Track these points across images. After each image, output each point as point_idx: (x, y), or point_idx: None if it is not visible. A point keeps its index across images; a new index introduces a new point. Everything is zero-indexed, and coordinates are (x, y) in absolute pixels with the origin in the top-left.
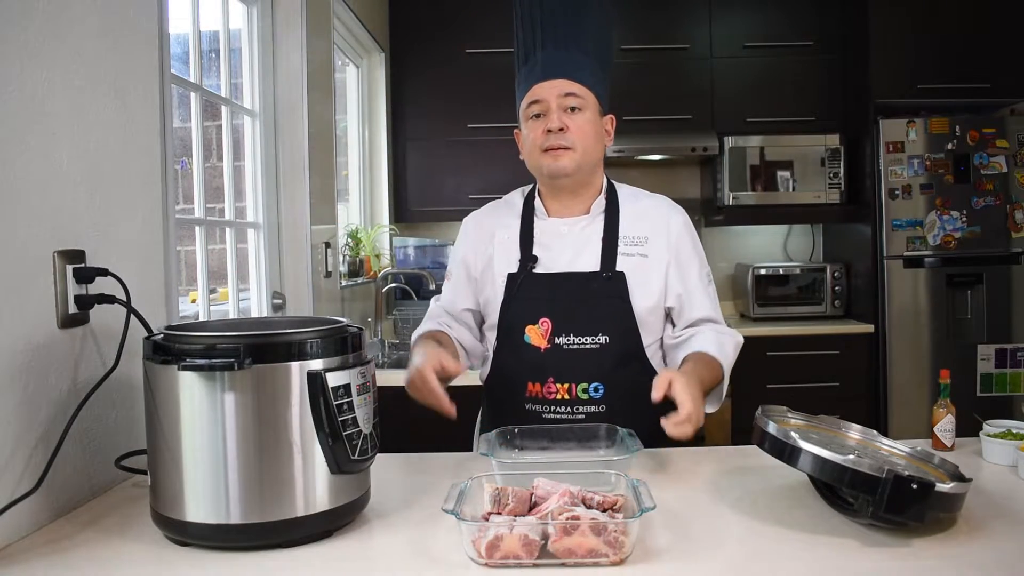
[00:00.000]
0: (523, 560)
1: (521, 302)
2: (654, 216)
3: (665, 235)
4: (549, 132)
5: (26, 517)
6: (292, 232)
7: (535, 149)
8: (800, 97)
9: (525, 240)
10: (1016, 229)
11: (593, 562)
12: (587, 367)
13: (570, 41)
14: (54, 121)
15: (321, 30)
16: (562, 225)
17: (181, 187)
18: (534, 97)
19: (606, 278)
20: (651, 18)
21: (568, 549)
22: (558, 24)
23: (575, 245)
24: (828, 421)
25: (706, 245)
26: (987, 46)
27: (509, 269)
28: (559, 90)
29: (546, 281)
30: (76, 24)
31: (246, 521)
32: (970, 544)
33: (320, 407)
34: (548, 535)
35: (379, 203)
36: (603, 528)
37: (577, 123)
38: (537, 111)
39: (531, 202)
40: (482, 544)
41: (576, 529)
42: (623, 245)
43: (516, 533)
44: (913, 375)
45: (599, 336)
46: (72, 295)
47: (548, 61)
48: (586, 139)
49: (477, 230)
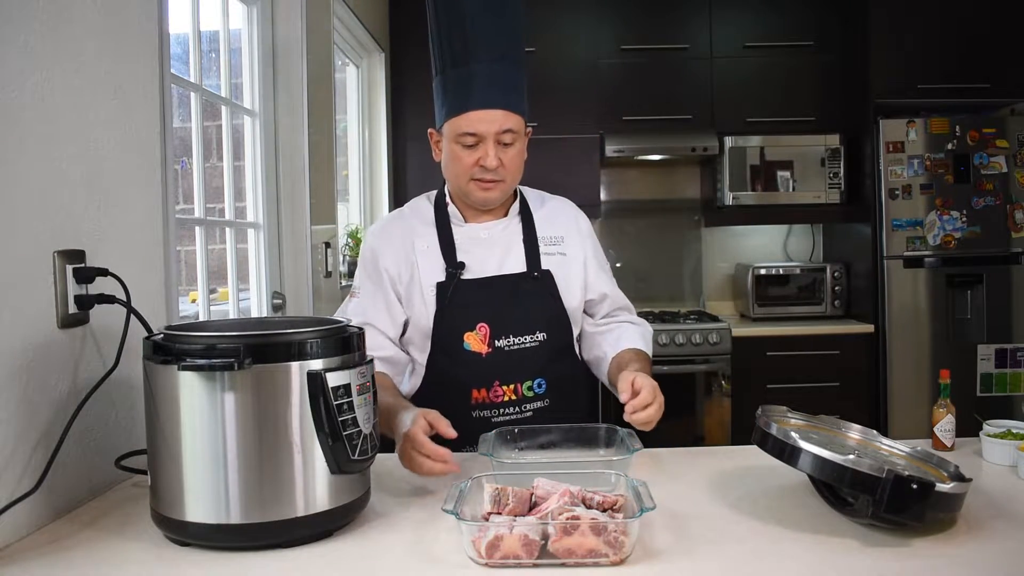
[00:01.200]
0: (523, 560)
1: (456, 309)
2: (563, 217)
3: (577, 233)
4: (483, 167)
5: (26, 517)
6: (292, 232)
7: (463, 176)
8: (800, 97)
9: (447, 248)
10: (1016, 229)
11: (593, 562)
12: (529, 365)
13: (501, 49)
14: (54, 121)
15: (321, 30)
16: (481, 230)
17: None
18: (469, 128)
19: (535, 278)
20: (651, 18)
21: (568, 549)
22: (488, 28)
23: (500, 248)
24: (828, 421)
25: (706, 245)
26: (987, 46)
27: (436, 278)
28: (498, 125)
29: (477, 286)
30: (76, 24)
31: (246, 521)
32: (970, 544)
33: (320, 407)
34: (548, 535)
35: (379, 203)
36: (603, 528)
37: (509, 156)
38: (471, 142)
39: (443, 208)
40: (482, 544)
41: (576, 529)
42: (543, 245)
43: (516, 533)
44: (913, 375)
45: (537, 334)
46: (72, 295)
47: (483, 81)
48: (516, 170)
49: (391, 242)
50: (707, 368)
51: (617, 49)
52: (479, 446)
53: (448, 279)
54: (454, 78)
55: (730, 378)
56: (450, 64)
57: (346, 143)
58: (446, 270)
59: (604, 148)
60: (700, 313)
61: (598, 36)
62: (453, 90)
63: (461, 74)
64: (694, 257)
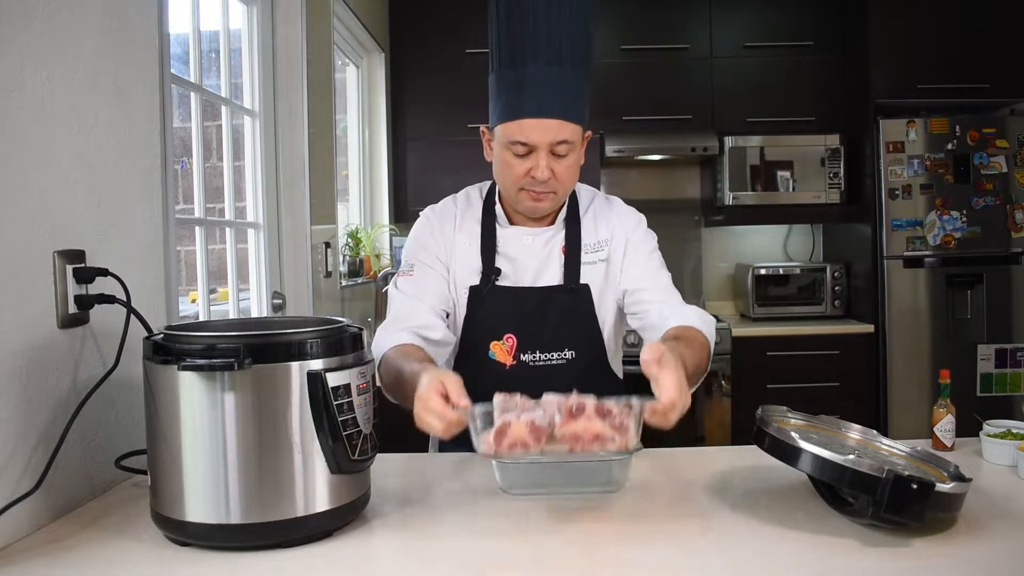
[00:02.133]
0: (531, 447)
1: (485, 317)
2: (611, 216)
3: (622, 231)
4: (533, 177)
5: (26, 517)
6: (292, 232)
7: (514, 184)
8: (800, 97)
9: (487, 250)
10: (1016, 229)
11: (599, 447)
12: (554, 383)
13: (563, 53)
14: (54, 121)
15: (321, 30)
16: (525, 235)
17: (181, 187)
18: (522, 137)
19: (571, 291)
20: (651, 18)
21: (574, 434)
22: (552, 28)
23: (539, 257)
24: (828, 421)
25: (706, 245)
26: (987, 46)
27: (470, 280)
28: (552, 136)
29: (509, 296)
30: (76, 24)
31: (246, 521)
32: (970, 544)
33: (320, 407)
34: (555, 423)
35: (379, 203)
36: (608, 411)
37: (563, 167)
38: (523, 152)
39: (491, 206)
40: (490, 433)
41: (582, 413)
42: (586, 253)
43: (523, 420)
44: (913, 375)
45: (565, 351)
46: (72, 295)
47: (540, 87)
48: (570, 180)
49: (443, 227)
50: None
51: (617, 49)
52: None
53: (482, 283)
54: (510, 79)
55: (730, 378)
56: (507, 63)
57: (346, 143)
58: (481, 273)
59: (604, 148)
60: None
61: (598, 36)
62: (507, 92)
63: (518, 75)
64: (694, 257)
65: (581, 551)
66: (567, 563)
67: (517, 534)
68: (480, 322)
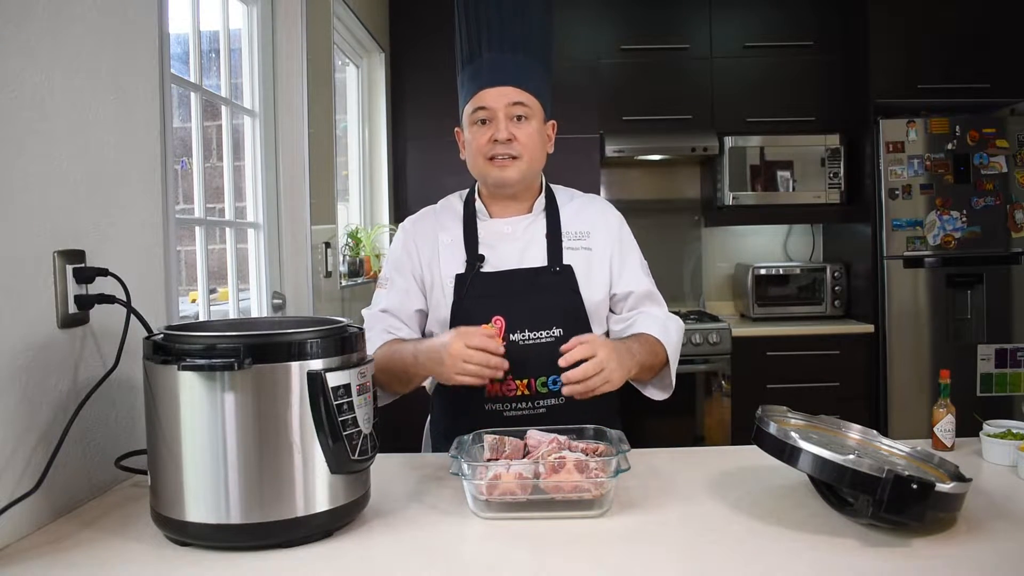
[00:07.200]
0: (518, 496)
1: (472, 301)
2: (592, 212)
3: (605, 228)
4: (495, 141)
5: (26, 517)
6: (292, 232)
7: (479, 156)
8: (800, 97)
9: (470, 241)
10: (1016, 229)
11: (578, 496)
12: (543, 361)
13: (516, 44)
14: (54, 121)
15: (321, 30)
16: (505, 225)
17: (181, 187)
18: (480, 103)
19: (555, 272)
20: (651, 18)
21: (556, 485)
22: (504, 25)
23: (521, 243)
24: (828, 421)
25: (706, 245)
26: (987, 46)
27: (456, 271)
28: (507, 98)
29: (496, 279)
30: (76, 24)
31: (246, 521)
32: (970, 544)
33: (320, 407)
34: (539, 474)
35: (379, 203)
36: (585, 466)
37: (524, 132)
38: (483, 117)
39: (471, 204)
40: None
41: (563, 467)
42: (567, 240)
43: (512, 471)
44: (913, 375)
45: (553, 329)
46: (72, 295)
47: (494, 65)
48: (532, 149)
49: (417, 235)
50: (707, 368)
51: (617, 49)
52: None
53: (467, 271)
54: (471, 72)
55: (730, 378)
56: (467, 59)
57: (346, 143)
58: (466, 262)
59: (604, 148)
60: (700, 313)
61: (598, 36)
62: (469, 81)
63: (475, 66)
64: (694, 257)
65: (581, 550)
66: (567, 562)
67: (517, 534)
68: (467, 307)
